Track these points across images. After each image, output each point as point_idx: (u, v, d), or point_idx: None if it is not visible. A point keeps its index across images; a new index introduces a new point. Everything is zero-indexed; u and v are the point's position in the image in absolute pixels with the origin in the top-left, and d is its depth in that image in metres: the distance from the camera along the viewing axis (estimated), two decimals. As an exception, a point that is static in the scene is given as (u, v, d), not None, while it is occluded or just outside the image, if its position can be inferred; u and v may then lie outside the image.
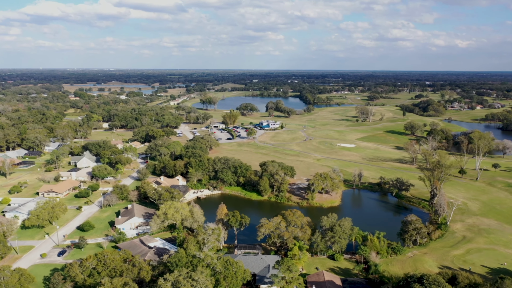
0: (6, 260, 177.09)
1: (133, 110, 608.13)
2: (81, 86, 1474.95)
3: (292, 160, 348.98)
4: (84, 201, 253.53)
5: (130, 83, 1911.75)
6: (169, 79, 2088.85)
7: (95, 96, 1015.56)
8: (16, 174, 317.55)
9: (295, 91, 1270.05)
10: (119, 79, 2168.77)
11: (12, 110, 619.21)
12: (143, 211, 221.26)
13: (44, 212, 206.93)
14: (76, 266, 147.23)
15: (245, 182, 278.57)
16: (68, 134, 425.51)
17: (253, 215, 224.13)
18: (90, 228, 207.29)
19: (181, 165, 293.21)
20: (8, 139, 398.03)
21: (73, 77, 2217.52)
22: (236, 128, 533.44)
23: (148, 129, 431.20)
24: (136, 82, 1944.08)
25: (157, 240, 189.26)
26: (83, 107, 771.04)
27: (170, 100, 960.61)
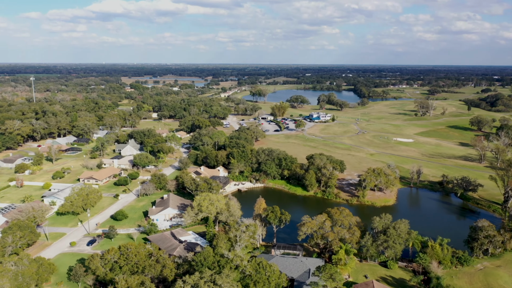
0: (35, 247, 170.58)
1: (182, 100, 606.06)
2: (138, 79, 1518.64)
3: (342, 154, 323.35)
4: (123, 189, 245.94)
5: (185, 76, 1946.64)
6: (222, 72, 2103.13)
7: (149, 88, 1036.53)
8: (63, 160, 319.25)
9: (349, 84, 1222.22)
10: (174, 72, 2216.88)
11: (70, 100, 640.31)
12: (178, 202, 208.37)
13: (78, 198, 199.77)
14: (97, 259, 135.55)
15: (290, 176, 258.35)
16: (116, 122, 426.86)
17: (296, 212, 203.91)
18: (123, 217, 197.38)
19: (223, 156, 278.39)
20: (60, 126, 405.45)
21: (131, 70, 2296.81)
22: (284, 120, 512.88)
23: (194, 119, 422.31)
24: (190, 76, 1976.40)
25: (189, 234, 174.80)
26: (136, 98, 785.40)
27: (221, 92, 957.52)
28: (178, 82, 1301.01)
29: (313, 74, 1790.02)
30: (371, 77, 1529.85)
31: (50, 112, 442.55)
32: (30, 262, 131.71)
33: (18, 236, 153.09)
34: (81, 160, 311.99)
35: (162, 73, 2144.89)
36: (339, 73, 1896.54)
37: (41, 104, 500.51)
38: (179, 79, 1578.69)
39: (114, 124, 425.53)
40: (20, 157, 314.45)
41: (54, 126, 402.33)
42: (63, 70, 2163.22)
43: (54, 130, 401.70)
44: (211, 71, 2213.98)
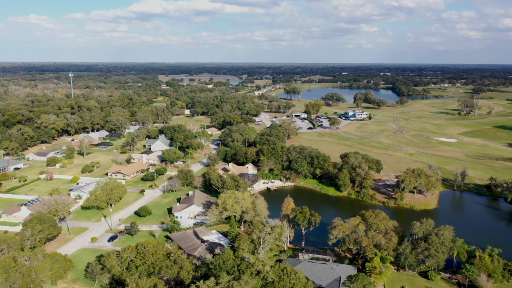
0: (57, 241, 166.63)
1: (215, 97, 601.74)
2: (174, 77, 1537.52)
3: (379, 154, 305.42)
4: (149, 184, 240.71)
5: (220, 74, 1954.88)
6: (257, 71, 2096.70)
7: (184, 85, 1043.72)
8: (94, 154, 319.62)
9: (387, 83, 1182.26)
10: (210, 71, 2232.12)
11: (107, 96, 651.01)
12: (204, 200, 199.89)
13: (102, 193, 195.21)
14: (113, 257, 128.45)
15: (322, 175, 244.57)
16: (148, 118, 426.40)
17: (328, 213, 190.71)
18: (147, 213, 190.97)
19: (253, 153, 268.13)
20: (93, 120, 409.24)
21: (169, 69, 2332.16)
22: (318, 117, 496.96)
23: (226, 116, 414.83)
24: (225, 74, 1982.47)
25: (213, 234, 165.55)
26: (171, 95, 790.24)
27: (255, 90, 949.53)
28: (213, 80, 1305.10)
29: (350, 73, 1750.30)
30: (410, 76, 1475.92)
31: (85, 107, 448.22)
32: (44, 258, 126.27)
33: (37, 229, 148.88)
34: (112, 155, 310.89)
35: (198, 71, 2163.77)
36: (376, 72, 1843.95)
37: (77, 99, 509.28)
38: (214, 77, 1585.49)
39: (146, 120, 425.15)
40: (53, 150, 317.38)
41: (88, 121, 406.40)
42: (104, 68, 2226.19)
43: (88, 125, 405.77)
44: (247, 70, 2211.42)
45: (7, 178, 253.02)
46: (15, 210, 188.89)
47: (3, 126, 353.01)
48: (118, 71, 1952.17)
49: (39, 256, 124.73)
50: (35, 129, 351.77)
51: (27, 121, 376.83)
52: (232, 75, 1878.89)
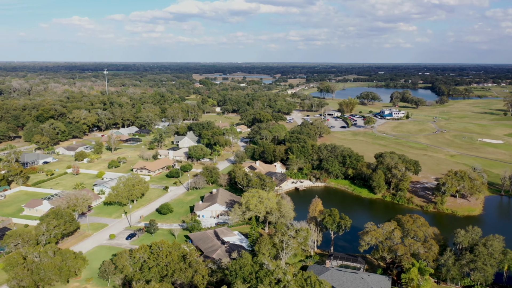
0: (75, 237, 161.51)
1: (246, 95, 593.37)
2: (208, 76, 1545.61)
3: (417, 154, 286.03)
4: (174, 181, 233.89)
5: (254, 74, 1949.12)
6: (291, 70, 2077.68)
7: (217, 84, 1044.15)
8: (122, 150, 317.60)
9: (426, 82, 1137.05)
10: (244, 70, 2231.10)
11: (140, 93, 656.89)
12: (227, 198, 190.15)
13: (124, 189, 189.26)
14: (125, 256, 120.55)
15: (355, 175, 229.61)
16: (178, 115, 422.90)
17: (360, 217, 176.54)
18: (168, 211, 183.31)
19: (282, 150, 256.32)
20: (124, 116, 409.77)
21: (203, 68, 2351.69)
22: (352, 116, 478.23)
23: (256, 113, 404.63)
24: (259, 73, 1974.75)
25: (234, 235, 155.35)
26: (203, 93, 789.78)
27: (288, 88, 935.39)
28: (246, 79, 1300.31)
29: (386, 72, 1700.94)
30: (451, 76, 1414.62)
31: (117, 103, 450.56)
32: (55, 255, 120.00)
33: (53, 224, 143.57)
34: (139, 151, 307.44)
35: (232, 70, 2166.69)
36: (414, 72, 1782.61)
37: (110, 96, 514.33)
38: (248, 76, 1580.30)
39: (176, 117, 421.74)
40: (82, 145, 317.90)
41: (118, 116, 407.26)
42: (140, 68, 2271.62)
43: (119, 121, 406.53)
44: (280, 69, 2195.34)
45: (35, 172, 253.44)
46: (37, 204, 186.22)
47: (37, 121, 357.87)
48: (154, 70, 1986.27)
49: (49, 253, 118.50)
50: (67, 124, 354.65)
51: (60, 116, 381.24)
52: (265, 75, 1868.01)
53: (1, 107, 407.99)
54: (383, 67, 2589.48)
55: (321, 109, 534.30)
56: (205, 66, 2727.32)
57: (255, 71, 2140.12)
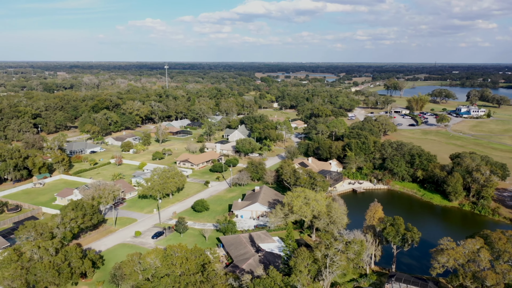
0: (98, 232, 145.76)
1: (306, 91, 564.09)
2: (271, 74, 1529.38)
3: (502, 157, 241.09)
4: (216, 176, 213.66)
5: (317, 72, 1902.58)
6: (356, 69, 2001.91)
7: (278, 81, 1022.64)
8: (171, 142, 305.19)
9: (509, 81, 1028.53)
10: (307, 69, 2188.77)
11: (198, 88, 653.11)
12: (271, 197, 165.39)
13: (157, 181, 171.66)
14: (135, 261, 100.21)
15: (425, 178, 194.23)
16: (232, 108, 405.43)
17: (431, 229, 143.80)
18: (203, 209, 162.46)
19: (339, 147, 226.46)
20: (177, 109, 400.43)
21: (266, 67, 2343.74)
22: (422, 114, 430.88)
23: (314, 108, 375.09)
24: (323, 72, 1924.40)
25: (273, 241, 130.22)
26: (263, 89, 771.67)
27: (352, 86, 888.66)
28: (308, 77, 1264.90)
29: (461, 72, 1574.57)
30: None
31: (172, 96, 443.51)
32: (59, 252, 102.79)
33: (69, 217, 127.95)
34: (187, 143, 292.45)
35: (296, 69, 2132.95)
36: (494, 71, 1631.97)
37: (166, 89, 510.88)
38: (311, 75, 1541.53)
39: (230, 110, 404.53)
40: (131, 136, 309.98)
41: (172, 109, 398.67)
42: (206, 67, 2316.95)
43: (172, 113, 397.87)
44: (345, 68, 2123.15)
45: (80, 161, 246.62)
46: (69, 194, 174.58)
47: (92, 111, 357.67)
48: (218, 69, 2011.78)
49: (51, 250, 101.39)
50: (120, 115, 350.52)
51: (114, 107, 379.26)
52: (329, 73, 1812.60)
53: (63, 98, 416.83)
54: (457, 66, 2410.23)
55: (387, 106, 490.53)
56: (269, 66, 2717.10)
57: (318, 70, 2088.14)
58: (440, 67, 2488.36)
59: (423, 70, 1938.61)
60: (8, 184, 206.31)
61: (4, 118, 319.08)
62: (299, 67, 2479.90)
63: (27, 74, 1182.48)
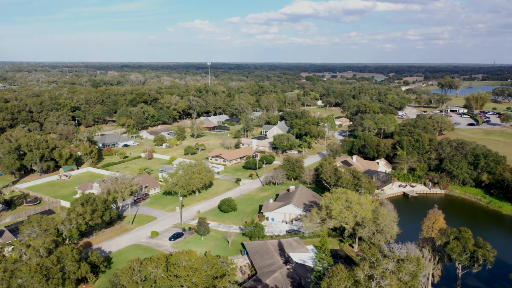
0: (113, 230, 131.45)
1: (353, 88, 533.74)
2: (316, 74, 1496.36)
3: None
4: (249, 173, 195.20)
5: (365, 72, 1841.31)
6: (407, 69, 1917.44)
7: (324, 80, 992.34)
8: (206, 137, 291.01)
9: None
10: (355, 69, 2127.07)
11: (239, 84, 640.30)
12: (308, 199, 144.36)
13: (181, 177, 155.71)
14: (134, 270, 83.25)
15: (492, 183, 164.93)
16: (273, 104, 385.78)
17: (504, 246, 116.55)
18: (230, 209, 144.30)
19: (388, 145, 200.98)
20: (216, 104, 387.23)
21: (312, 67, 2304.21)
22: (483, 113, 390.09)
23: (361, 104, 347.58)
24: (371, 72, 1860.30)
25: (307, 250, 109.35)
26: (307, 88, 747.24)
27: (402, 85, 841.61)
28: (356, 77, 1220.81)
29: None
30: None
31: (212, 91, 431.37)
32: (52, 253, 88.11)
33: (76, 212, 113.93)
34: (222, 139, 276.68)
35: (342, 69, 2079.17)
36: None
37: (207, 84, 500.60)
38: (358, 74, 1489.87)
39: (270, 106, 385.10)
40: (167, 130, 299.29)
41: (211, 104, 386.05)
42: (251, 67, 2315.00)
43: (211, 109, 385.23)
44: (395, 68, 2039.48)
45: (111, 154, 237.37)
46: (89, 187, 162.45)
47: (130, 105, 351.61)
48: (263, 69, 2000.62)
49: (41, 250, 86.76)
50: (158, 110, 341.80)
51: (153, 101, 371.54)
52: (378, 73, 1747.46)
53: (104, 93, 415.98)
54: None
55: (442, 105, 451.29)
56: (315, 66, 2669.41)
57: (366, 70, 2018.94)
58: (499, 67, 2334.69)
59: (480, 70, 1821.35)
60: (35, 175, 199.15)
61: (44, 110, 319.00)
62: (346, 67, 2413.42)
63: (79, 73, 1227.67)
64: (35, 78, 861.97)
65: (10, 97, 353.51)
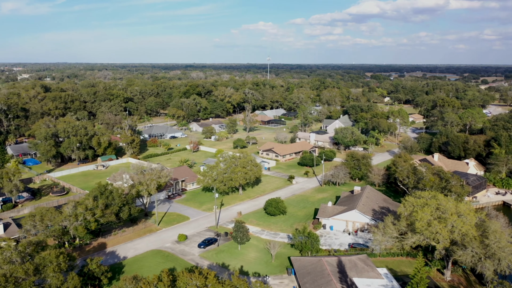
0: (134, 231, 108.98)
1: (425, 84, 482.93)
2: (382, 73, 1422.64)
3: None
4: (305, 171, 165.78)
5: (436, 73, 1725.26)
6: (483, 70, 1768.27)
7: (391, 79, 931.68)
8: (260, 131, 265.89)
9: None
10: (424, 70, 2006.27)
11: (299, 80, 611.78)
12: (378, 204, 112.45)
13: (220, 171, 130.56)
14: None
15: None
16: (335, 99, 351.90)
17: None
18: (278, 212, 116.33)
19: (479, 142, 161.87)
20: (273, 98, 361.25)
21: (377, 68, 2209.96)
22: None
23: (438, 99, 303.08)
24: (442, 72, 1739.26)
25: (378, 275, 78.32)
26: (373, 86, 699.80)
27: (480, 84, 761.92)
28: (426, 76, 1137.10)
29: None
30: None
31: (269, 85, 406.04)
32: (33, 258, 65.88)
33: (84, 207, 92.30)
34: (277, 133, 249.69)
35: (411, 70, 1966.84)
36: None
37: (264, 79, 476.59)
38: (429, 75, 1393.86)
39: (332, 101, 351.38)
40: (218, 123, 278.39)
41: (268, 98, 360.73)
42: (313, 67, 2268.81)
43: (267, 103, 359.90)
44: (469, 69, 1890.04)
45: (155, 145, 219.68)
46: (119, 178, 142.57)
47: (184, 96, 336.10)
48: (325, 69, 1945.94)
49: (13, 255, 64.52)
50: (211, 102, 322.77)
51: (206, 94, 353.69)
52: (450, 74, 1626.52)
53: (160, 85, 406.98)
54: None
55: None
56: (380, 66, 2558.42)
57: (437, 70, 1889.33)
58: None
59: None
60: (73, 164, 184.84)
61: (97, 100, 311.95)
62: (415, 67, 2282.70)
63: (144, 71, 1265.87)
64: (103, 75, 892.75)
65: (67, 87, 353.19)
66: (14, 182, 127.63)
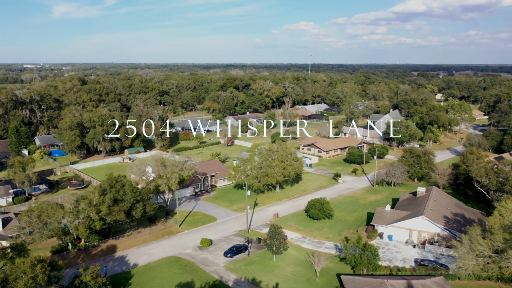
0: (152, 232, 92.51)
1: (482, 80, 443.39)
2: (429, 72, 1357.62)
3: None
4: (353, 168, 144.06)
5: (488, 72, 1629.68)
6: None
7: (440, 77, 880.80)
8: (300, 126, 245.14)
9: None
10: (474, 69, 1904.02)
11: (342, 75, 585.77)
12: (450, 210, 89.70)
13: (254, 166, 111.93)
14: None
15: None
16: (382, 94, 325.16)
17: None
18: (322, 215, 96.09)
19: None
20: (315, 93, 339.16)
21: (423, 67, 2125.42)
22: None
23: (502, 93, 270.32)
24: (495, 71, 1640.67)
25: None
26: (421, 81, 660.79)
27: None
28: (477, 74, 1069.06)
29: None
30: None
31: (311, 79, 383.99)
32: None
33: (86, 203, 76.50)
34: (318, 128, 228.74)
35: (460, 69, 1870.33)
36: None
37: (306, 73, 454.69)
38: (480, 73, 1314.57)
39: (379, 96, 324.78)
40: (255, 117, 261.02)
41: (309, 93, 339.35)
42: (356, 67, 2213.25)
43: (308, 97, 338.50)
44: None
45: (188, 138, 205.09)
46: (142, 171, 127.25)
47: (221, 90, 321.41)
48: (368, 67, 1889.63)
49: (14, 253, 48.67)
50: (249, 96, 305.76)
51: (244, 88, 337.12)
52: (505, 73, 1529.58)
53: (197, 80, 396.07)
54: None
55: None
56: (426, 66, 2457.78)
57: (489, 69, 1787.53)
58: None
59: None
60: (100, 156, 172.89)
61: (132, 93, 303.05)
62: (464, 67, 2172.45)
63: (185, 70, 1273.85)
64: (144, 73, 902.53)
65: (104, 80, 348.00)
66: (27, 172, 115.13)
